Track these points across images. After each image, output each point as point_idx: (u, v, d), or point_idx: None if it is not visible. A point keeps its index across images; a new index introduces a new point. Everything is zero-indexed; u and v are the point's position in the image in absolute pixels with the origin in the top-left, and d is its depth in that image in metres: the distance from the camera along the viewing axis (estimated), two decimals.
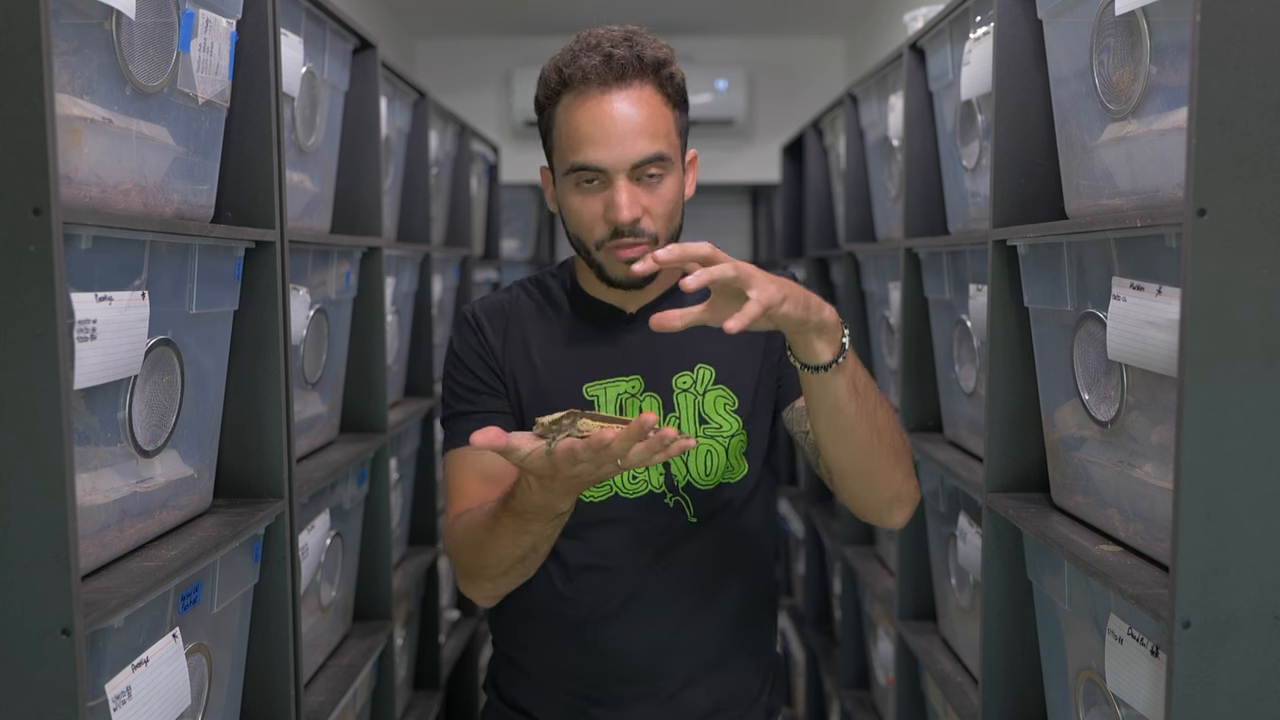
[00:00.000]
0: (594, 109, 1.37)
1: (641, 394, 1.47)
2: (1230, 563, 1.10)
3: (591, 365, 1.48)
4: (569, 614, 1.49)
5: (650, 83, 1.39)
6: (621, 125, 1.37)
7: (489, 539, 1.35)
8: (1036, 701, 1.66)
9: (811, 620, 3.51)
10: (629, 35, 1.40)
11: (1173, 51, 1.21)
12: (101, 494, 1.21)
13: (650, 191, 1.39)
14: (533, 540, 1.33)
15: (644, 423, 1.11)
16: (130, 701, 1.16)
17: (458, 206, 3.21)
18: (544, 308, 1.54)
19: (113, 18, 1.18)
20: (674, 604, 1.49)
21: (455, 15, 4.76)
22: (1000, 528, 1.65)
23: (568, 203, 1.42)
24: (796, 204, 3.94)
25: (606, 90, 1.37)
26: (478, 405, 1.49)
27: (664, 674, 1.49)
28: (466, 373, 1.51)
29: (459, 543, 1.42)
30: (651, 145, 1.38)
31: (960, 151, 1.97)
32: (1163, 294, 1.19)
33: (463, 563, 1.43)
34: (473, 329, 1.53)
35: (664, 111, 1.40)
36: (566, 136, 1.39)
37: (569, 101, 1.39)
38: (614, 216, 1.37)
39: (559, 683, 1.52)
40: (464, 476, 1.47)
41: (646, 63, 1.39)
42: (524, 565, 1.37)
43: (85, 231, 1.11)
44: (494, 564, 1.37)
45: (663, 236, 1.41)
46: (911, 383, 2.24)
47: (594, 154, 1.37)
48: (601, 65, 1.37)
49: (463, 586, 1.46)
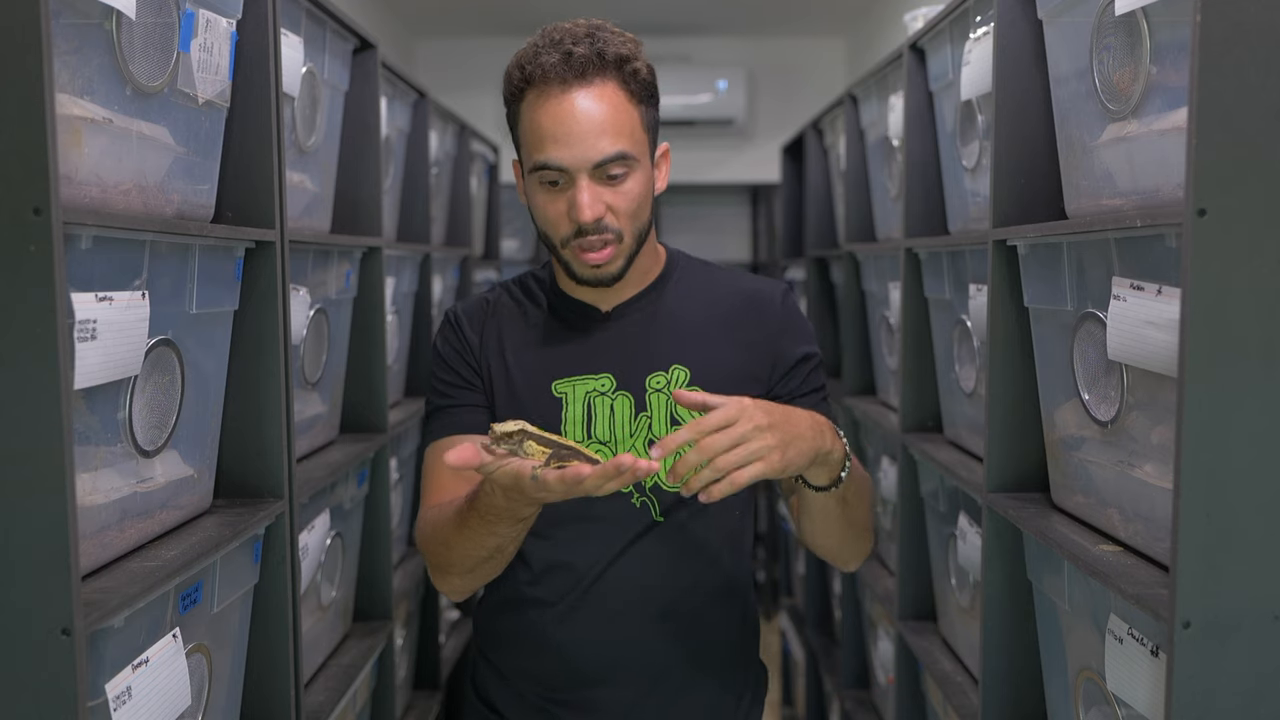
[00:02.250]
0: (555, 107, 1.37)
1: (613, 392, 1.47)
2: (1230, 563, 1.10)
3: (562, 362, 1.49)
4: (534, 613, 1.50)
5: (613, 79, 1.38)
6: (583, 124, 1.36)
7: (455, 537, 1.36)
8: (1036, 701, 1.66)
9: (811, 620, 3.51)
10: (592, 31, 1.39)
11: (1173, 51, 1.21)
12: (101, 494, 1.21)
13: (614, 189, 1.39)
14: (498, 542, 1.34)
15: (619, 465, 1.13)
16: (130, 702, 1.16)
17: (458, 206, 3.21)
18: (523, 306, 1.55)
19: (113, 18, 1.18)
20: (637, 605, 1.48)
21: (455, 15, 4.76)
22: (1000, 528, 1.65)
23: (534, 200, 1.43)
24: (796, 204, 3.94)
25: (568, 88, 1.36)
26: (455, 400, 1.51)
27: (628, 678, 1.49)
28: (446, 369, 1.53)
29: (428, 537, 1.43)
30: (614, 144, 1.37)
31: (960, 151, 1.97)
32: (1163, 294, 1.19)
33: (431, 557, 1.44)
34: (453, 327, 1.55)
35: (627, 108, 1.39)
36: (530, 134, 1.39)
37: (532, 99, 1.39)
38: (576, 216, 1.38)
39: (527, 683, 1.53)
40: (439, 470, 1.48)
41: (609, 59, 1.38)
42: (490, 564, 1.39)
43: (85, 231, 1.11)
44: (460, 561, 1.38)
45: (628, 233, 1.42)
46: (911, 383, 2.24)
47: (555, 153, 1.37)
48: (562, 63, 1.36)
49: (433, 580, 1.48)
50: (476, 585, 1.45)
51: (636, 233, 1.43)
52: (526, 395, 1.48)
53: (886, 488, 2.53)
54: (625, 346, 1.48)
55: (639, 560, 1.47)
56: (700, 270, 1.58)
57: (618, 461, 1.13)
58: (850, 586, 2.92)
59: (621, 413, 1.47)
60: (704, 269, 1.58)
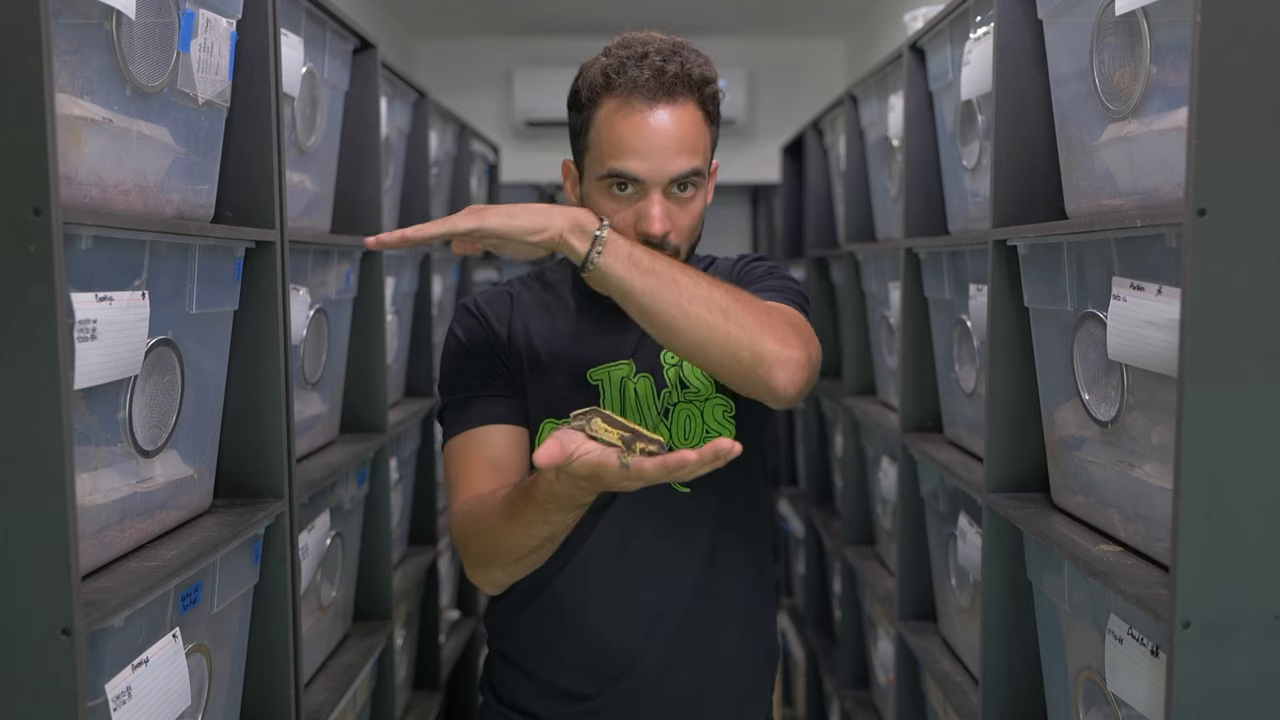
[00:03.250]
0: (639, 121, 1.39)
1: (635, 376, 1.50)
2: (1230, 563, 1.10)
3: (592, 352, 1.51)
4: (557, 600, 1.50)
5: (694, 99, 1.42)
6: (664, 140, 1.39)
7: (506, 526, 1.35)
8: (1036, 701, 1.66)
9: (811, 620, 3.51)
10: (677, 48, 1.42)
11: (1173, 51, 1.21)
12: (101, 494, 1.21)
13: (681, 206, 1.43)
14: (551, 530, 1.34)
15: (717, 449, 1.15)
16: (130, 702, 1.16)
17: (458, 206, 3.21)
18: (545, 300, 1.56)
19: (113, 18, 1.18)
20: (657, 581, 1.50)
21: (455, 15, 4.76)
22: (1000, 528, 1.65)
23: (598, 205, 1.43)
24: (796, 204, 3.94)
25: (654, 104, 1.39)
26: (484, 390, 1.51)
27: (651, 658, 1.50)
28: (472, 359, 1.52)
29: (469, 530, 1.42)
30: (689, 162, 1.41)
31: (960, 151, 1.97)
32: (1163, 294, 1.19)
33: (472, 549, 1.43)
34: (477, 318, 1.54)
35: (702, 128, 1.43)
36: (607, 141, 1.41)
37: (613, 108, 1.40)
38: (645, 228, 1.40)
39: (551, 675, 1.53)
40: (472, 462, 1.48)
41: (694, 80, 1.41)
42: (537, 554, 1.39)
43: (85, 231, 1.11)
44: (508, 551, 1.38)
45: (684, 248, 1.45)
46: (911, 383, 2.24)
47: (634, 164, 1.39)
48: (653, 80, 1.39)
49: (470, 574, 1.47)
50: (518, 577, 1.45)
51: (690, 249, 1.48)
52: (564, 385, 1.49)
53: (886, 488, 2.53)
54: (640, 333, 1.49)
55: (658, 531, 1.50)
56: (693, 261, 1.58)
57: (716, 445, 1.15)
58: (850, 586, 2.92)
59: (645, 393, 1.50)
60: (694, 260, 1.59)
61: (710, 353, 1.31)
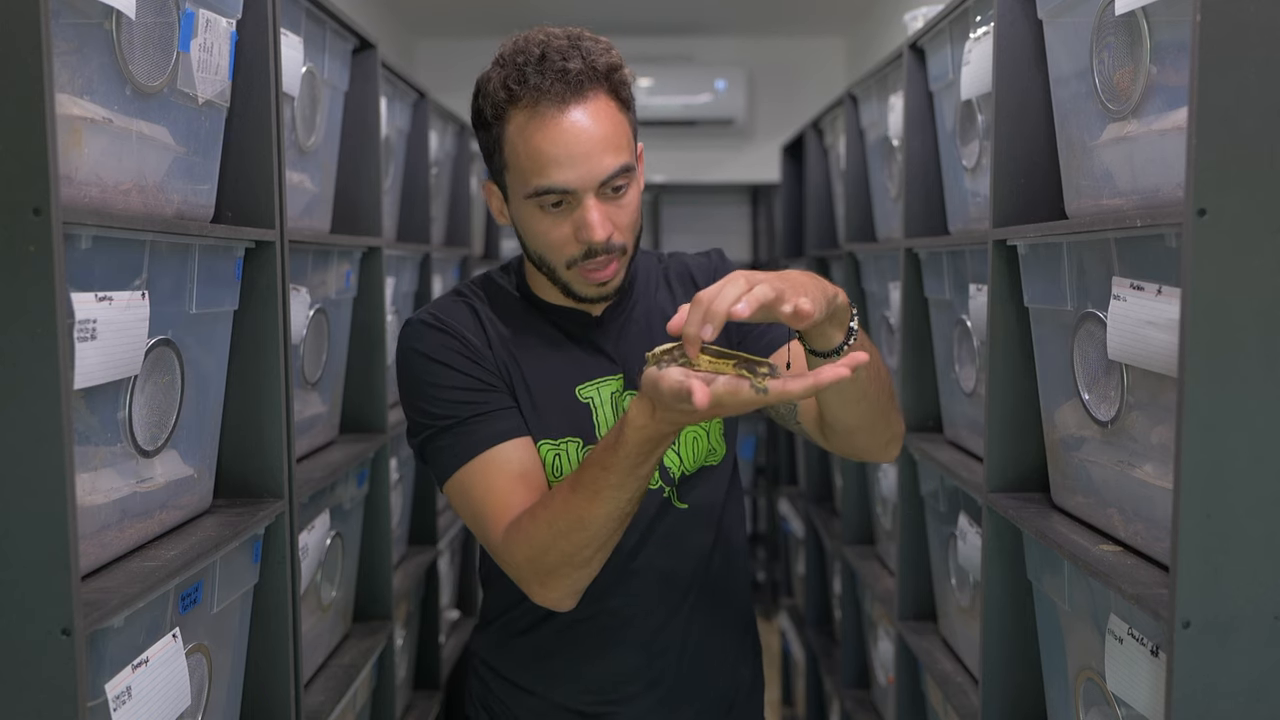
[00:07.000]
0: (554, 129, 1.31)
1: (625, 392, 1.46)
2: (1230, 563, 1.10)
3: (577, 369, 1.46)
4: (561, 617, 1.45)
5: (604, 90, 1.33)
6: (586, 143, 1.31)
7: (591, 509, 1.24)
8: (1036, 701, 1.66)
9: (811, 620, 3.51)
10: (574, 41, 1.34)
11: (1173, 51, 1.21)
12: (101, 494, 1.21)
13: (617, 205, 1.35)
14: (637, 487, 1.24)
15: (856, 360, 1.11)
16: (130, 702, 1.16)
17: (457, 206, 3.21)
18: (507, 312, 1.48)
19: (113, 18, 1.18)
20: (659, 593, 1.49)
21: (455, 15, 4.76)
22: (1000, 528, 1.65)
23: (531, 225, 1.37)
24: (796, 204, 3.94)
25: (565, 107, 1.31)
26: (486, 406, 1.39)
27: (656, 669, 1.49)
28: (460, 376, 1.40)
29: (538, 542, 1.29)
30: (617, 158, 1.33)
31: (960, 151, 1.97)
32: (1163, 294, 1.19)
33: (548, 560, 1.30)
34: (446, 331, 1.42)
35: (620, 119, 1.35)
36: (526, 157, 1.32)
37: (523, 121, 1.32)
38: (587, 237, 1.33)
39: (556, 692, 1.51)
40: (498, 482, 1.36)
41: (600, 70, 1.33)
42: (613, 541, 1.30)
43: (85, 231, 1.11)
44: (592, 538, 1.27)
45: (630, 245, 1.39)
46: (911, 383, 2.24)
47: (560, 175, 1.31)
48: (558, 82, 1.30)
49: (540, 592, 1.34)
50: (589, 579, 1.33)
51: (635, 242, 1.41)
52: (553, 403, 1.42)
53: (886, 487, 2.53)
54: (625, 346, 1.48)
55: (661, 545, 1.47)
56: (645, 259, 1.55)
57: (855, 358, 1.10)
58: (850, 586, 2.92)
59: None
60: (645, 257, 1.55)
61: (865, 430, 1.37)
